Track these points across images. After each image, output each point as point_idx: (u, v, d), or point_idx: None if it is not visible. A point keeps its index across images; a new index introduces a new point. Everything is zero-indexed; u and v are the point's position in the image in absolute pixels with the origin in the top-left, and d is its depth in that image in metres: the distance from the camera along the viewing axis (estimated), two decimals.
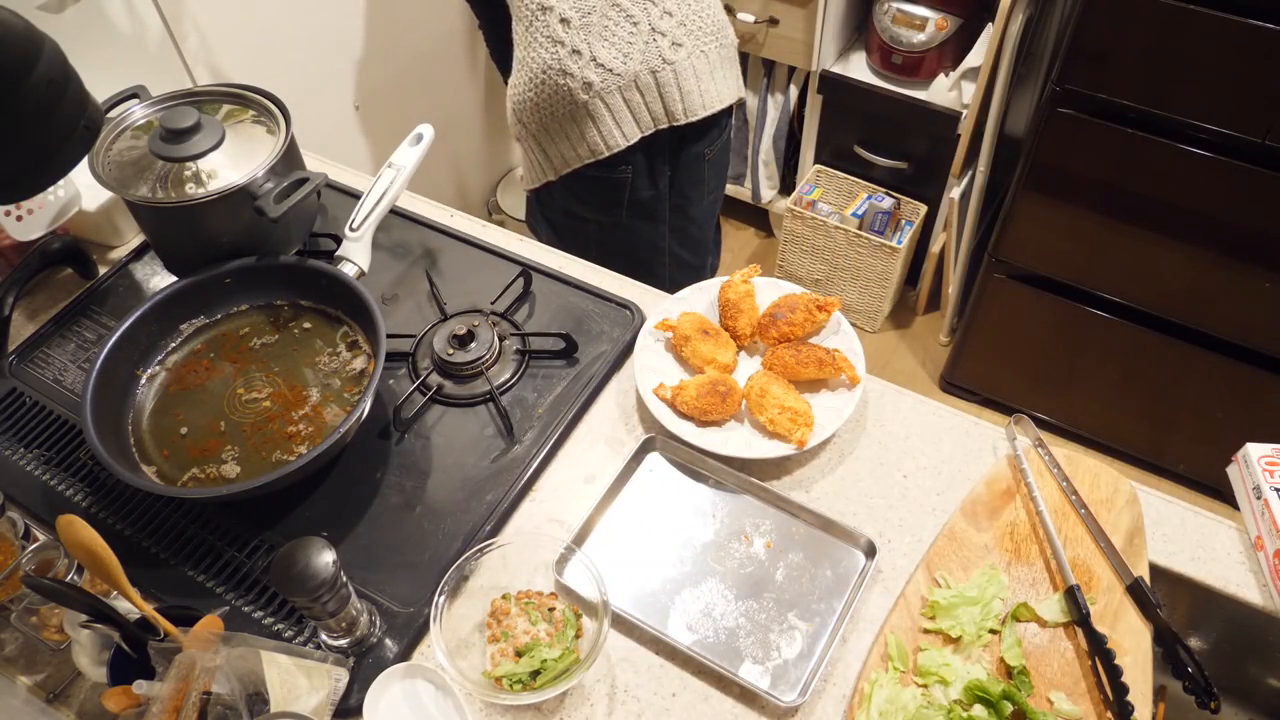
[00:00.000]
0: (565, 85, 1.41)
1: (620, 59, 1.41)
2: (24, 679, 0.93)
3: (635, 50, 1.41)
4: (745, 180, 2.66)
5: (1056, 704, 0.85)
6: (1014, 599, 0.92)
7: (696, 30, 1.44)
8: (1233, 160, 1.57)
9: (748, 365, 1.14)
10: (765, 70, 2.41)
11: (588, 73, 1.40)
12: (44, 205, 1.24)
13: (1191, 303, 1.81)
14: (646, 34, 1.41)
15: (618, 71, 1.41)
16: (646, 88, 1.44)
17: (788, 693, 0.87)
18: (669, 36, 1.42)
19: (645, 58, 1.42)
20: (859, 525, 0.98)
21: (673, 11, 1.42)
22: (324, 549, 0.81)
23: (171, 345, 1.12)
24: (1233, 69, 1.48)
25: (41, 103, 0.87)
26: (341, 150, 2.07)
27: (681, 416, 1.06)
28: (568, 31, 1.39)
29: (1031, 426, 1.04)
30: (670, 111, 1.47)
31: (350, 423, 0.96)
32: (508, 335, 1.17)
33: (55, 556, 0.91)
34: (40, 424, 1.11)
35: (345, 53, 1.95)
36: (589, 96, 1.42)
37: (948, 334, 2.49)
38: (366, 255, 1.13)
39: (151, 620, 0.82)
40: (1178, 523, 0.99)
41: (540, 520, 1.02)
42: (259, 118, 1.17)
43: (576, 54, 1.40)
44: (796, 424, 1.02)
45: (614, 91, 1.43)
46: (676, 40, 1.42)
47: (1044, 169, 1.80)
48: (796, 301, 1.13)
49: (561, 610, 0.91)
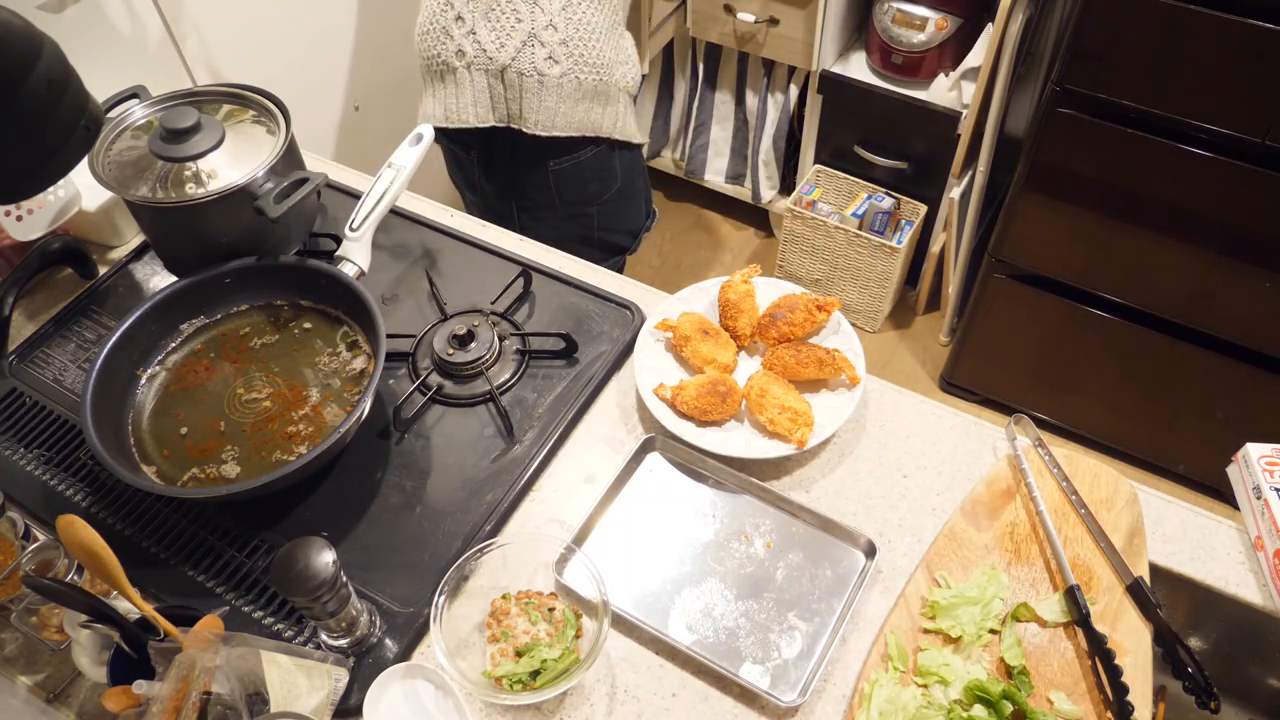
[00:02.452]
0: (443, 44, 1.49)
1: (496, 45, 1.46)
2: (24, 679, 0.93)
3: (511, 45, 1.46)
4: (745, 180, 2.66)
5: (1056, 704, 0.85)
6: (1014, 599, 0.92)
7: (578, 55, 1.47)
8: (1233, 160, 1.57)
9: (748, 365, 1.14)
10: (765, 70, 2.41)
11: (464, 43, 1.48)
12: (44, 205, 1.24)
13: (1191, 303, 1.81)
14: (525, 35, 1.45)
15: (490, 55, 1.47)
16: (510, 84, 1.49)
17: (788, 693, 0.87)
18: (547, 49, 1.45)
19: (518, 58, 1.46)
20: (859, 525, 0.98)
21: (559, 28, 1.45)
22: (324, 549, 0.81)
23: (171, 345, 1.12)
24: (1233, 69, 1.48)
25: (41, 103, 0.87)
26: (341, 150, 2.07)
27: (681, 416, 1.06)
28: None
29: (1031, 426, 1.04)
30: (524, 117, 1.52)
31: (350, 423, 0.96)
32: (508, 335, 1.17)
33: (55, 556, 0.91)
34: (40, 424, 1.11)
35: (345, 53, 1.95)
36: (460, 65, 1.49)
37: (948, 334, 2.49)
38: (366, 255, 1.13)
39: (151, 620, 0.82)
40: (1178, 523, 0.99)
41: (540, 520, 1.02)
42: (259, 118, 1.17)
43: (460, 20, 1.47)
44: (796, 424, 1.02)
45: (481, 72, 1.49)
46: (554, 57, 1.46)
47: (1044, 169, 1.80)
48: (796, 301, 1.13)
49: (561, 610, 0.91)
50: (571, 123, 1.53)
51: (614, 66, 1.51)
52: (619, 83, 1.53)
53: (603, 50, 1.49)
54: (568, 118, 1.52)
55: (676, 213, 2.88)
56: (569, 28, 1.45)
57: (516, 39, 1.45)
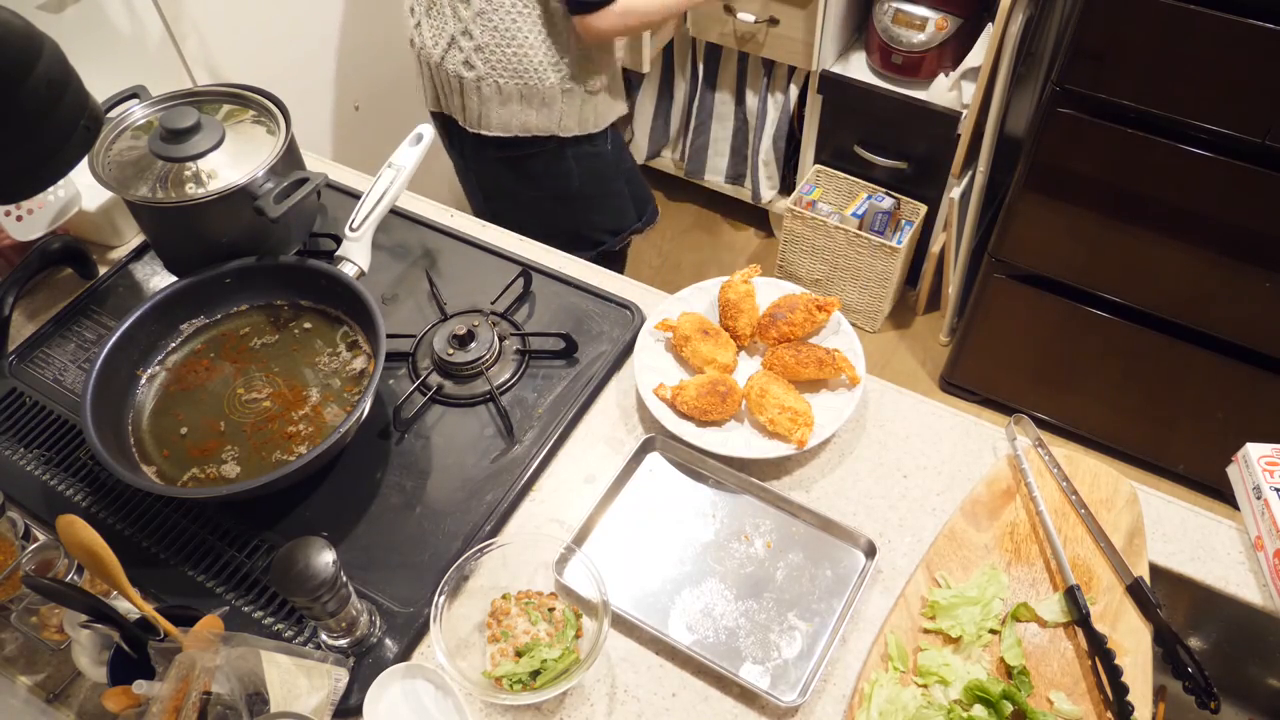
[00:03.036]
0: (410, 29, 1.60)
1: (432, 42, 1.54)
2: (24, 679, 0.93)
3: (440, 44, 1.53)
4: (745, 180, 2.66)
5: (1056, 704, 0.85)
6: (1014, 599, 0.92)
7: (495, 61, 1.50)
8: (1233, 160, 1.57)
9: (748, 365, 1.14)
10: (765, 70, 2.41)
11: (414, 34, 1.60)
12: (44, 205, 1.24)
13: (1191, 303, 1.81)
14: (450, 39, 1.51)
15: (429, 50, 1.55)
16: (445, 81, 1.57)
17: (788, 693, 0.87)
18: (464, 54, 1.50)
19: (446, 58, 1.53)
20: (859, 525, 0.98)
21: (474, 35, 1.48)
22: (324, 549, 0.81)
23: (171, 345, 1.12)
24: (1233, 69, 1.48)
25: (41, 103, 0.87)
26: (341, 150, 2.07)
27: (682, 416, 1.06)
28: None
29: (1031, 426, 1.04)
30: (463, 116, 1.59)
31: (350, 423, 0.96)
32: (508, 335, 1.17)
33: (55, 556, 0.91)
34: (40, 424, 1.11)
35: (345, 53, 1.95)
36: (414, 50, 1.62)
37: (948, 334, 2.49)
38: (366, 255, 1.13)
39: (151, 620, 0.82)
40: (1178, 523, 0.99)
41: (540, 520, 1.02)
42: (259, 118, 1.16)
43: (411, 12, 1.58)
44: (796, 424, 1.02)
45: (424, 63, 1.60)
46: (470, 61, 1.51)
47: (1044, 169, 1.80)
48: (796, 301, 1.13)
49: (561, 610, 0.91)
50: (503, 123, 1.57)
51: (546, 70, 1.51)
52: (560, 85, 1.54)
53: (529, 55, 1.49)
54: (498, 118, 1.56)
55: (676, 213, 2.88)
56: (484, 34, 1.48)
57: (444, 40, 1.52)
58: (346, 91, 1.99)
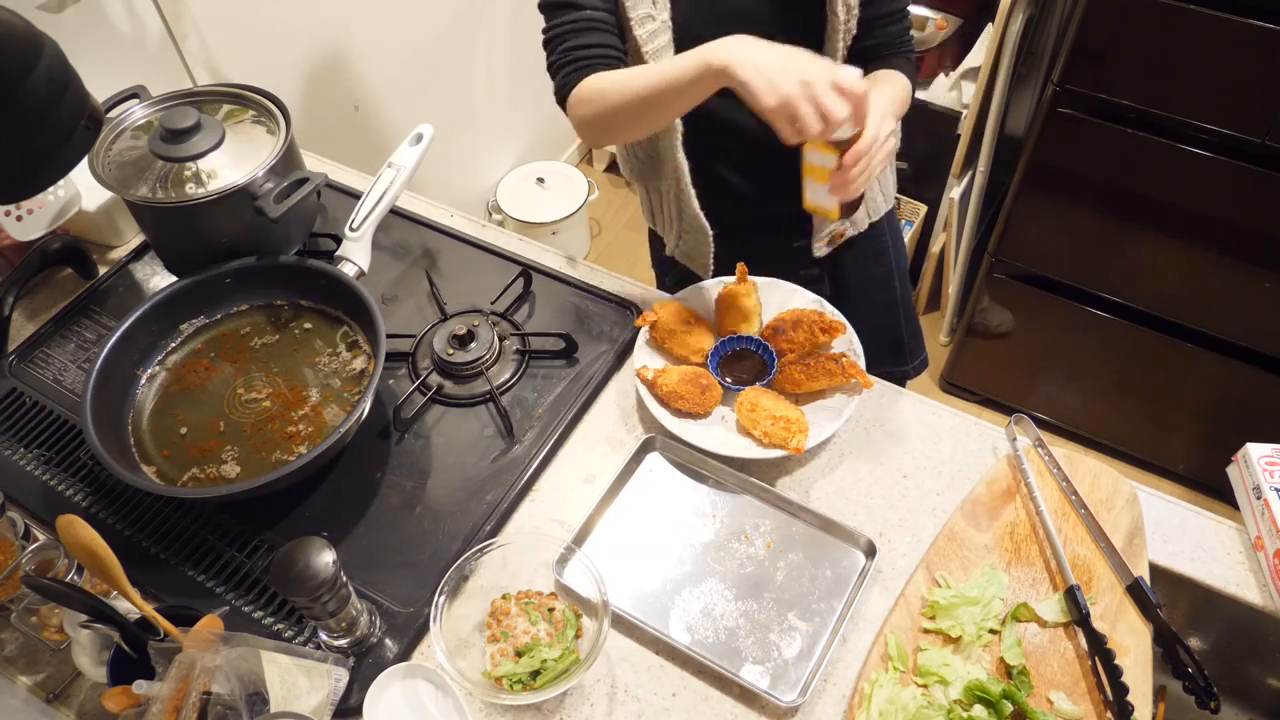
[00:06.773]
0: None
1: None
2: (24, 679, 0.93)
3: None
4: None
5: (1056, 704, 0.85)
6: (1014, 599, 0.92)
7: None
8: (1233, 160, 1.57)
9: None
10: None
11: None
12: (44, 205, 1.24)
13: (1191, 303, 1.81)
14: None
15: None
16: None
17: (788, 693, 0.87)
18: None
19: None
20: (859, 525, 0.98)
21: None
22: (324, 549, 0.81)
23: (171, 345, 1.12)
24: (1233, 69, 1.48)
25: (41, 103, 0.87)
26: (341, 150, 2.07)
27: (660, 402, 1.06)
28: None
29: (1031, 426, 1.04)
30: None
31: (350, 423, 0.96)
32: (508, 335, 1.17)
33: (55, 556, 0.91)
34: (40, 424, 1.11)
35: (345, 53, 1.95)
36: None
37: (947, 334, 2.49)
38: (366, 255, 1.13)
39: (151, 620, 0.82)
40: (1178, 523, 0.99)
41: (540, 520, 1.02)
42: (259, 118, 1.16)
43: None
44: (791, 431, 1.01)
45: None
46: None
47: (1044, 169, 1.80)
48: (801, 318, 1.11)
49: (561, 610, 0.91)
50: None
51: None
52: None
53: None
54: None
55: None
56: None
57: None
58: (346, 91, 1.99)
